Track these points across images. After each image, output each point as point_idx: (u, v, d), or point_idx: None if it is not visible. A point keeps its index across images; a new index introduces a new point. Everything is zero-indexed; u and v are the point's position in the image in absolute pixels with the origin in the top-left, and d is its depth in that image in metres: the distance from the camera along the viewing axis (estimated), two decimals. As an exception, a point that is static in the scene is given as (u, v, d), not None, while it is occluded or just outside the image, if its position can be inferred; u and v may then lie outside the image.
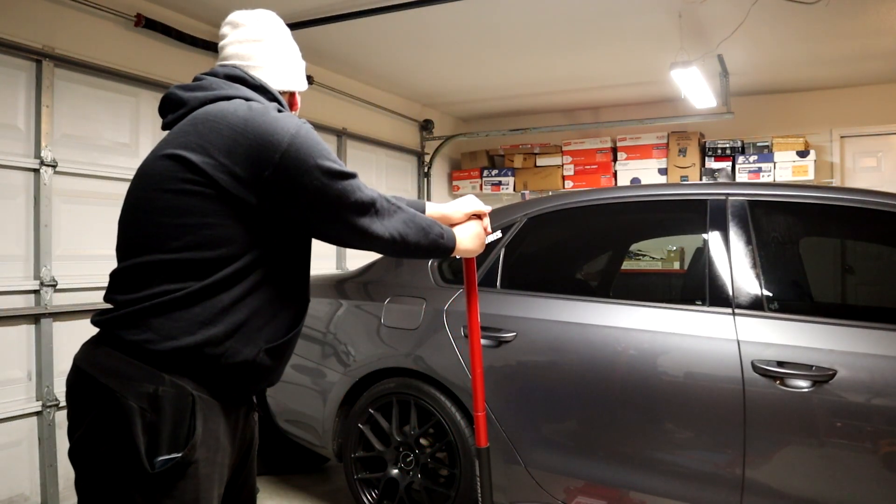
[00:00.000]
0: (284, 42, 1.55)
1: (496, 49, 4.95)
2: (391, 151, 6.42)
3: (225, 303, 1.29)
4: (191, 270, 1.27)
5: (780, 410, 2.14)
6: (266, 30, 1.51)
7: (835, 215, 2.51)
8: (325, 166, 1.34)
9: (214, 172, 1.28)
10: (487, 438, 2.08)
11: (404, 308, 2.87)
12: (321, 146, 1.37)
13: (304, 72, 1.62)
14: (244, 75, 1.45)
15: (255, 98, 1.41)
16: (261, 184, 1.30)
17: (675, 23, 4.32)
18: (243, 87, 1.43)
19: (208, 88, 1.41)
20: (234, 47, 1.50)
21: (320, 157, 1.34)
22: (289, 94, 1.57)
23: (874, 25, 4.40)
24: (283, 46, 1.54)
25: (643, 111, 6.55)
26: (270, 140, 1.30)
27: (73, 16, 3.57)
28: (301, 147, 1.32)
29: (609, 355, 2.42)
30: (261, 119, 1.32)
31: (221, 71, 1.45)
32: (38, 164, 3.34)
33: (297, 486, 3.62)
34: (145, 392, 1.22)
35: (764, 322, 2.25)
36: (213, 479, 1.29)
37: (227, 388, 1.34)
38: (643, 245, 5.68)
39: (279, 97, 1.48)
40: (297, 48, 1.60)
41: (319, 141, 1.38)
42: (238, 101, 1.36)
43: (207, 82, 1.42)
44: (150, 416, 1.21)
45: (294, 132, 1.32)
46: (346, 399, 2.99)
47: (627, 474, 2.37)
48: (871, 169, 6.05)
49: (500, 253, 2.81)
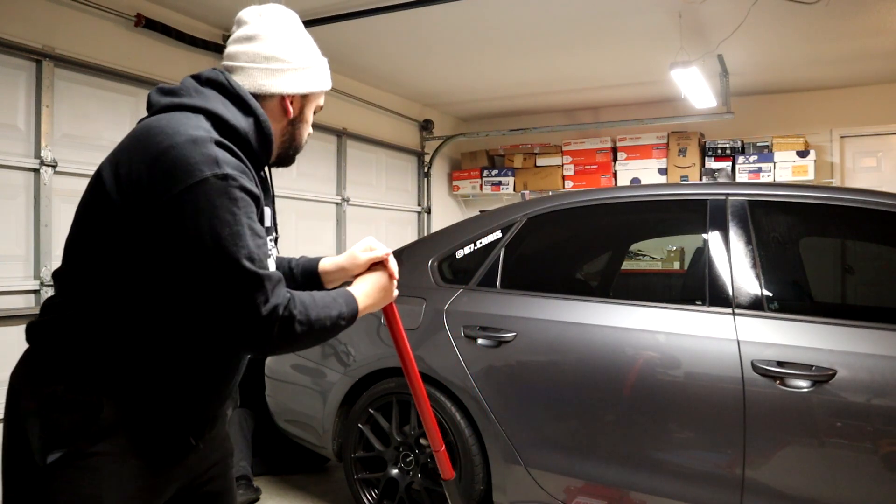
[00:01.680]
0: (282, 39, 1.37)
1: (496, 49, 4.96)
2: (391, 151, 6.43)
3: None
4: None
5: (779, 410, 2.14)
6: (262, 27, 1.36)
7: (835, 215, 2.51)
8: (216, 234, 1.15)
9: (113, 191, 1.19)
10: (453, 468, 2.00)
11: (404, 308, 2.87)
12: (226, 210, 1.16)
13: (311, 73, 1.41)
14: (224, 81, 1.31)
15: (220, 113, 1.26)
16: (145, 217, 1.17)
17: (675, 23, 4.32)
18: (218, 95, 1.30)
19: (177, 94, 1.30)
20: (230, 47, 1.39)
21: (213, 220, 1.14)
22: (277, 97, 1.37)
23: (874, 25, 4.40)
24: (278, 43, 1.36)
25: (643, 111, 6.55)
26: (173, 175, 1.15)
27: (73, 16, 3.58)
28: (196, 199, 1.14)
29: (609, 355, 2.42)
30: (179, 152, 1.15)
31: (205, 74, 1.33)
32: (38, 164, 3.35)
33: (297, 485, 3.62)
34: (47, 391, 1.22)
35: (764, 322, 2.25)
36: (122, 477, 1.23)
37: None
38: (643, 245, 5.68)
39: (256, 109, 1.32)
40: (303, 46, 1.40)
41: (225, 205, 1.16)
42: (181, 121, 1.21)
43: (182, 87, 1.31)
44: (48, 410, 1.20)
45: (196, 180, 1.14)
46: (345, 399, 2.99)
47: (627, 474, 2.37)
48: (871, 169, 6.05)
49: (501, 253, 2.81)
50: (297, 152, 1.48)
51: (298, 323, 1.22)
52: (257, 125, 1.32)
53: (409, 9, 3.95)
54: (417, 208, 6.86)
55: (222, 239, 1.15)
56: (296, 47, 1.39)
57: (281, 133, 1.41)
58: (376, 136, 6.12)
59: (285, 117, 1.40)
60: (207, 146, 1.18)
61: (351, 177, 5.79)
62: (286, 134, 1.43)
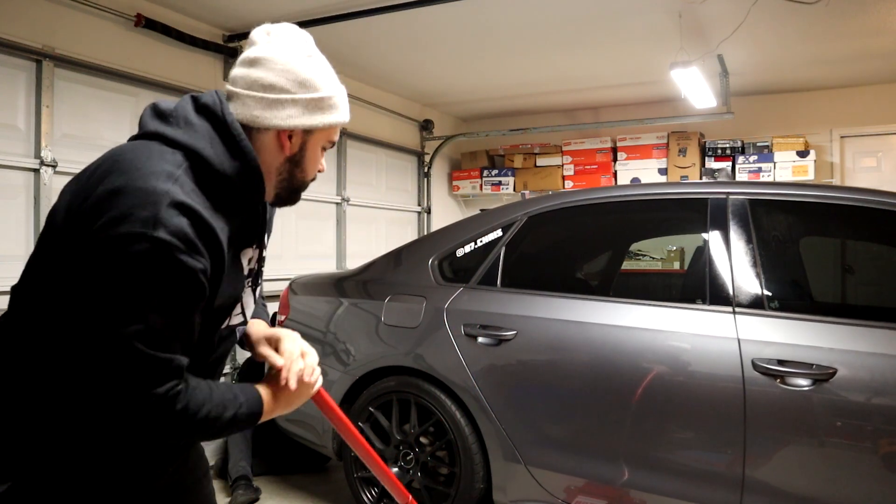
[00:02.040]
0: (286, 67, 1.21)
1: (496, 49, 4.96)
2: (391, 151, 6.43)
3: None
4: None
5: (780, 409, 2.14)
6: (267, 50, 1.22)
7: (835, 214, 2.51)
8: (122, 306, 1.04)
9: (60, 213, 1.12)
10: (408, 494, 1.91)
11: (405, 306, 2.87)
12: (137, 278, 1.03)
13: (315, 104, 1.22)
14: (219, 112, 1.18)
15: (203, 153, 1.13)
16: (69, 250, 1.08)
17: (675, 23, 4.32)
18: (208, 128, 1.16)
19: (166, 121, 1.18)
20: (234, 69, 1.25)
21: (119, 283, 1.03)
22: (273, 131, 1.21)
23: (874, 25, 4.40)
24: (281, 73, 1.20)
25: (643, 111, 6.55)
26: (108, 220, 1.03)
27: (73, 16, 3.58)
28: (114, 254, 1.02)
29: (609, 354, 2.42)
30: (124, 199, 1.04)
31: (202, 99, 1.20)
32: (38, 164, 3.35)
33: (297, 485, 3.62)
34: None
35: (764, 321, 2.25)
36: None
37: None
38: (643, 245, 5.68)
39: (245, 152, 1.17)
40: (312, 75, 1.22)
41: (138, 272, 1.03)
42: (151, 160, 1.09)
43: (174, 112, 1.19)
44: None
45: (123, 234, 1.02)
46: (346, 398, 2.99)
47: (627, 472, 2.37)
48: (871, 169, 6.06)
49: (501, 251, 2.81)
50: (298, 192, 1.32)
51: (183, 418, 1.11)
52: (245, 168, 1.17)
53: (409, 9, 3.95)
54: (417, 208, 6.86)
55: (118, 307, 1.03)
56: (302, 75, 1.21)
57: (277, 171, 1.26)
58: (376, 136, 6.12)
59: (282, 154, 1.24)
60: (156, 201, 1.04)
61: (351, 177, 5.79)
62: (283, 173, 1.26)
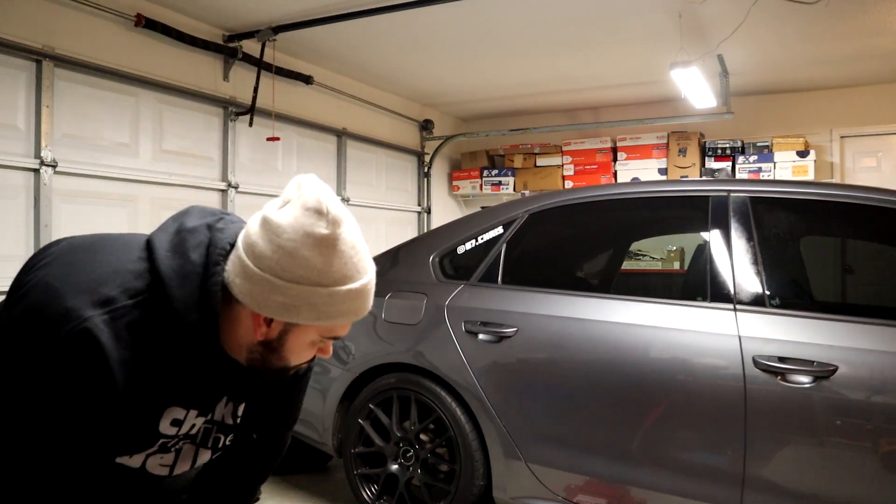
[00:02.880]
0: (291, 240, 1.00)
1: (496, 49, 4.96)
2: (391, 151, 6.43)
3: None
4: None
5: (781, 406, 2.14)
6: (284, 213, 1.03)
7: (836, 212, 2.51)
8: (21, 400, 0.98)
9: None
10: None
11: (405, 303, 2.87)
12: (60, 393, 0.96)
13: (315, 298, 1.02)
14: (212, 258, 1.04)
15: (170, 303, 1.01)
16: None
17: (675, 23, 4.32)
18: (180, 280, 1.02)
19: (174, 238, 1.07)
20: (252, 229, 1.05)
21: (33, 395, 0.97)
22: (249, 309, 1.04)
23: (874, 25, 4.41)
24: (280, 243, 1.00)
25: (643, 111, 6.55)
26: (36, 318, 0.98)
27: (73, 16, 3.58)
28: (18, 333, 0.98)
29: (610, 351, 2.41)
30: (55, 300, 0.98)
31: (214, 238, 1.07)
32: (38, 164, 3.35)
33: (297, 485, 3.62)
34: None
35: (765, 318, 2.25)
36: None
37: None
38: (643, 244, 5.68)
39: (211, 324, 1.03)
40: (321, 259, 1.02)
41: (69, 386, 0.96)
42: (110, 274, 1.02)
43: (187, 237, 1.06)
44: None
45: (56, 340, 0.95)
46: (346, 395, 2.98)
47: (628, 470, 2.36)
48: (871, 169, 6.06)
49: (502, 249, 2.81)
50: (279, 375, 1.15)
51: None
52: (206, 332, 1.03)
53: (409, 9, 3.96)
54: (417, 208, 6.86)
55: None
56: (306, 256, 1.00)
57: (248, 349, 1.09)
58: (376, 136, 6.12)
59: (256, 336, 1.07)
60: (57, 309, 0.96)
61: (351, 177, 5.80)
62: (255, 353, 1.09)
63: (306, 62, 5.22)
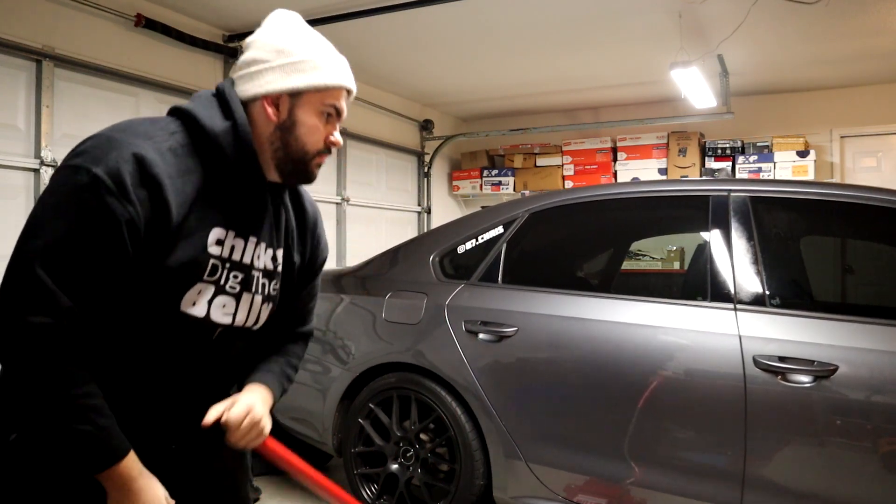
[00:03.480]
0: (268, 41, 1.25)
1: (496, 49, 4.96)
2: (391, 151, 6.43)
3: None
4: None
5: (781, 405, 2.14)
6: (256, 35, 1.28)
7: (837, 212, 2.51)
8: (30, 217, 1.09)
9: None
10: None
11: (405, 303, 2.87)
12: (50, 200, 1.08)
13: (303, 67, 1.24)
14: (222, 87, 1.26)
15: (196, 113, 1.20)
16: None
17: (675, 23, 4.32)
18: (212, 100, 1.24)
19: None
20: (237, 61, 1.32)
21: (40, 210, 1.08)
22: (260, 101, 1.23)
23: (874, 25, 4.41)
24: (262, 46, 1.25)
25: (643, 111, 6.55)
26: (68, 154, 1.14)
27: (73, 16, 3.58)
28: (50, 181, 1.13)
29: (610, 350, 2.41)
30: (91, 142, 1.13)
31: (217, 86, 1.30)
32: (38, 164, 3.35)
33: (297, 485, 3.61)
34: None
35: (765, 317, 2.25)
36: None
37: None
38: (643, 244, 5.68)
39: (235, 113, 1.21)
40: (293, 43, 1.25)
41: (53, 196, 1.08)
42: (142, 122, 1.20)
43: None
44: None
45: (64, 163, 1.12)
46: (346, 394, 2.98)
47: (628, 469, 2.36)
48: (871, 169, 6.06)
49: (502, 248, 2.81)
50: (301, 165, 1.27)
51: (34, 362, 1.05)
52: (234, 129, 1.20)
53: (409, 9, 3.96)
54: (417, 208, 6.86)
55: (31, 220, 1.08)
56: (278, 45, 1.24)
57: (269, 141, 1.24)
58: (376, 136, 6.12)
59: (271, 123, 1.24)
60: (112, 147, 1.09)
61: (351, 177, 5.80)
62: (275, 142, 1.24)
63: (306, 62, 5.22)
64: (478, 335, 2.64)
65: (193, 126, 1.19)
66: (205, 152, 1.18)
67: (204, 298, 1.20)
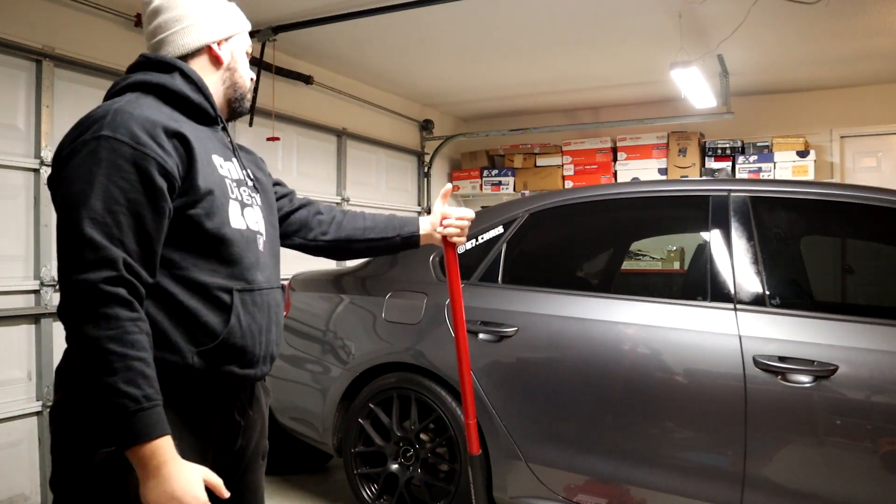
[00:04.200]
0: (183, 2, 1.41)
1: (496, 49, 4.96)
2: (391, 151, 6.43)
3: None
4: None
5: (781, 405, 2.14)
6: (157, 3, 1.41)
7: (837, 211, 2.51)
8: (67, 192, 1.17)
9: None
10: (479, 445, 2.04)
11: (405, 303, 2.87)
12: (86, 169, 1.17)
13: (225, 16, 1.45)
14: (145, 57, 1.38)
15: (145, 81, 1.31)
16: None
17: (675, 23, 4.32)
18: (140, 72, 1.35)
19: (111, 88, 1.37)
20: (145, 29, 1.44)
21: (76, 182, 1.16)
22: (203, 49, 1.42)
23: (874, 25, 4.40)
24: (182, 5, 1.40)
25: (643, 111, 6.54)
26: (67, 136, 1.24)
27: (72, 16, 3.58)
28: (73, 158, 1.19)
29: (610, 350, 2.42)
30: (81, 120, 1.24)
31: (134, 61, 1.40)
32: (38, 164, 3.34)
33: (297, 485, 3.62)
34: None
35: (765, 317, 2.25)
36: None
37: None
38: (643, 244, 5.68)
39: (179, 65, 1.36)
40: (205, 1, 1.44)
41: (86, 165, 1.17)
42: (108, 102, 1.28)
43: (115, 81, 1.37)
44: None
45: (76, 142, 1.20)
46: (346, 394, 2.99)
47: (628, 469, 2.36)
48: (871, 169, 6.05)
49: (502, 248, 2.81)
50: (244, 98, 1.51)
51: (94, 322, 1.11)
52: (184, 77, 1.35)
53: (409, 8, 3.95)
54: (417, 208, 6.86)
55: (70, 195, 1.16)
56: (198, 2, 1.42)
57: (221, 82, 1.45)
58: (376, 136, 6.12)
59: (219, 65, 1.44)
60: (112, 114, 1.20)
61: (351, 177, 5.79)
62: (226, 81, 1.46)
63: (306, 62, 5.21)
64: (478, 335, 2.64)
65: (149, 88, 1.31)
66: (175, 103, 1.32)
67: (237, 213, 1.36)
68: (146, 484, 1.12)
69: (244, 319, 1.33)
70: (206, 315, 1.28)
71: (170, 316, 1.24)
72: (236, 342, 1.31)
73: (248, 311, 1.34)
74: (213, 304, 1.29)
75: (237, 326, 1.31)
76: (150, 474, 1.12)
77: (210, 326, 1.28)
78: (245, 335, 1.33)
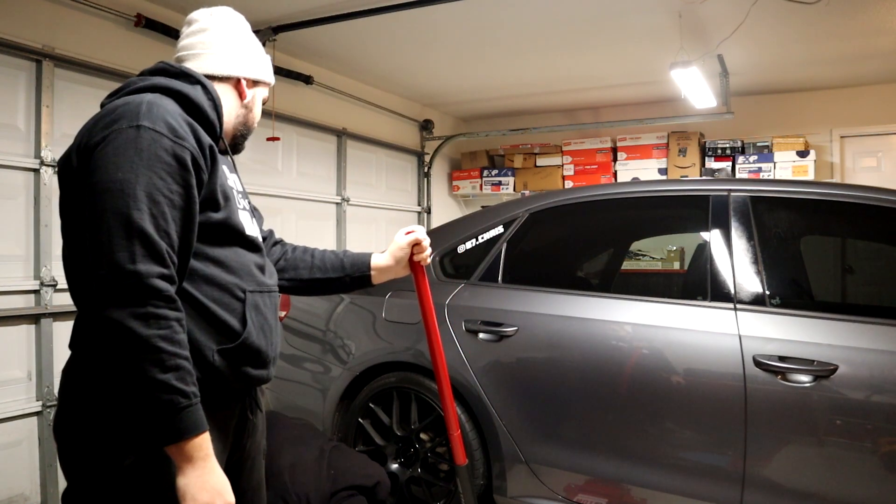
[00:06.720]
0: (234, 31, 1.48)
1: (496, 49, 4.96)
2: (391, 151, 6.42)
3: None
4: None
5: (781, 405, 2.14)
6: (214, 21, 1.47)
7: (837, 211, 2.51)
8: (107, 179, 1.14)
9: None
10: (465, 455, 2.06)
11: (405, 303, 2.87)
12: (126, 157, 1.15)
13: (261, 63, 1.54)
14: (166, 66, 1.39)
15: (166, 86, 1.31)
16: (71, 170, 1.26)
17: (675, 23, 4.32)
18: (160, 77, 1.36)
19: (122, 88, 1.35)
20: (183, 40, 1.48)
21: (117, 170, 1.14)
22: (234, 80, 1.47)
23: (874, 25, 4.40)
24: (232, 35, 1.47)
25: (643, 111, 6.55)
26: (96, 125, 1.22)
27: (73, 16, 3.57)
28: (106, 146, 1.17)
29: (610, 350, 2.42)
30: (109, 110, 1.23)
31: (149, 69, 1.41)
32: (38, 164, 3.34)
33: (297, 485, 3.61)
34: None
35: (765, 317, 2.25)
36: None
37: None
38: (643, 244, 5.68)
39: (203, 81, 1.38)
40: (254, 40, 1.54)
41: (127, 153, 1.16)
42: (129, 99, 1.26)
43: (127, 81, 1.37)
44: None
45: (111, 130, 1.18)
46: (345, 394, 2.98)
47: (628, 469, 2.36)
48: (871, 169, 6.05)
49: (502, 248, 2.81)
50: (245, 138, 1.56)
51: (143, 320, 1.10)
52: (206, 92, 1.37)
53: (409, 9, 3.95)
54: (417, 208, 6.86)
55: (111, 182, 1.14)
56: (245, 40, 1.50)
57: (236, 115, 1.49)
58: (376, 136, 6.12)
59: (240, 100, 1.49)
60: (139, 107, 1.20)
61: (351, 177, 5.79)
62: (240, 117, 1.50)
63: (306, 62, 5.21)
64: (478, 335, 2.64)
65: (168, 93, 1.31)
66: (191, 113, 1.32)
67: (248, 220, 1.43)
68: (189, 475, 1.15)
69: (256, 320, 1.36)
70: (225, 315, 1.30)
71: (192, 315, 1.26)
72: (253, 342, 1.34)
73: (260, 311, 1.38)
74: (230, 304, 1.32)
75: (252, 327, 1.34)
76: (194, 467, 1.15)
77: (230, 325, 1.31)
78: (259, 335, 1.36)
